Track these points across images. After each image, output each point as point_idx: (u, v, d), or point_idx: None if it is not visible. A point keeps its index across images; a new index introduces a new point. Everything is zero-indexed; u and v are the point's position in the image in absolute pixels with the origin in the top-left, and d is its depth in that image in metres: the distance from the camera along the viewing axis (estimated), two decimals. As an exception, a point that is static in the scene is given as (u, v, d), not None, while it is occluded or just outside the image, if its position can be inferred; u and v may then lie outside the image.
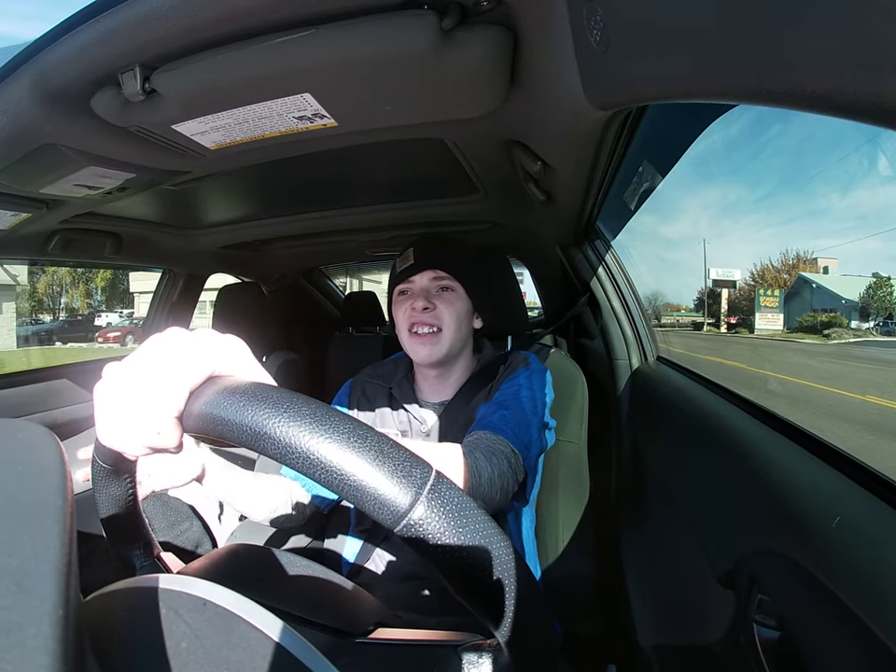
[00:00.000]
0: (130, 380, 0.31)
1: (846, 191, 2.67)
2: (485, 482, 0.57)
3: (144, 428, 0.30)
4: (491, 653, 0.31)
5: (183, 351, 0.31)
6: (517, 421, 0.71)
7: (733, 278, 2.19)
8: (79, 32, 0.46)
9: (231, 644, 0.24)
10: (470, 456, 0.59)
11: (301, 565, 0.49)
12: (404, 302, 0.85)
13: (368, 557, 0.83)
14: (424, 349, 0.82)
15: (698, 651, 0.64)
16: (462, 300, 0.85)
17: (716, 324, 2.31)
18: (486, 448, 0.62)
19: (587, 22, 0.38)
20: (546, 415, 0.80)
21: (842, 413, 1.25)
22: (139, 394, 0.30)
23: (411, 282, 0.85)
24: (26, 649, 0.16)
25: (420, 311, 0.81)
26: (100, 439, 0.32)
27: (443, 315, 0.82)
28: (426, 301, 0.82)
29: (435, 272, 0.84)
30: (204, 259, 1.60)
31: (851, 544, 0.38)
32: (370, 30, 0.44)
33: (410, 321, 0.83)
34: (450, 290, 0.85)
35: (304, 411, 0.25)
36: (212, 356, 0.31)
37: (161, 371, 0.30)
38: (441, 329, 0.82)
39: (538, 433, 0.74)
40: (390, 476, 0.24)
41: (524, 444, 0.69)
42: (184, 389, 0.29)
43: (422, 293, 0.83)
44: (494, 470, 0.59)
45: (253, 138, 0.66)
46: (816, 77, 0.20)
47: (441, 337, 0.82)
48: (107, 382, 0.31)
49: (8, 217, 0.88)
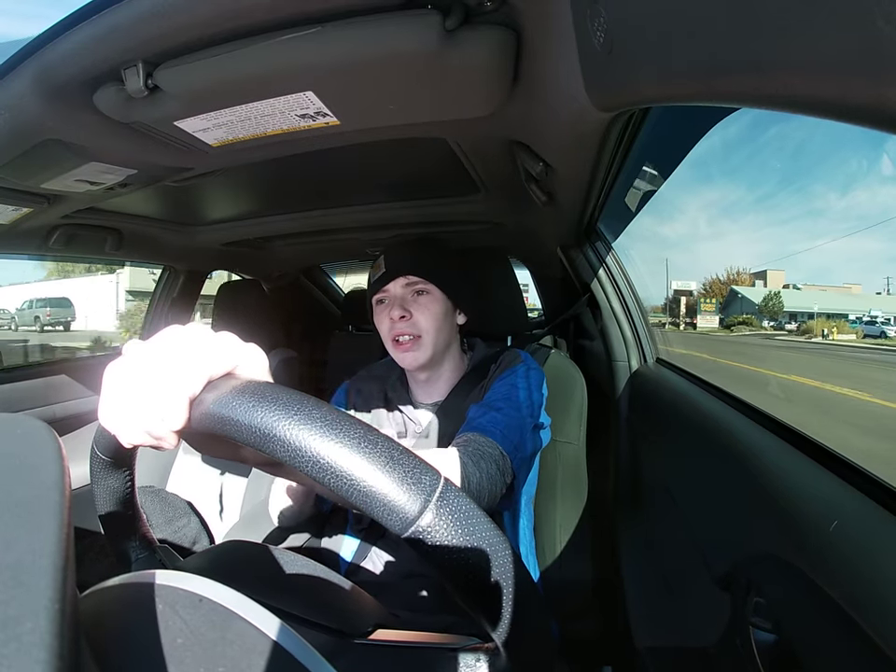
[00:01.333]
0: (149, 360, 0.30)
1: (804, 211, 3.30)
2: (474, 488, 0.58)
3: (150, 410, 0.29)
4: (488, 656, 0.31)
5: (207, 342, 0.31)
6: (507, 423, 0.71)
7: (689, 288, 2.96)
8: (82, 27, 0.46)
9: (227, 641, 0.24)
10: (459, 463, 0.59)
11: (300, 563, 0.49)
12: (382, 312, 0.85)
13: (365, 556, 0.83)
14: (408, 356, 0.82)
15: (695, 654, 0.64)
16: (438, 301, 0.85)
17: (675, 323, 3.13)
18: (475, 452, 0.62)
19: (590, 24, 0.38)
20: (542, 415, 0.79)
21: (706, 368, 1.49)
22: (156, 374, 0.29)
23: (385, 291, 0.85)
24: (22, 643, 0.16)
25: (397, 320, 0.81)
26: (100, 418, 0.32)
27: (420, 321, 0.82)
28: (401, 309, 0.81)
29: (407, 277, 0.83)
30: (205, 256, 1.60)
31: (848, 548, 0.38)
32: (373, 29, 0.44)
33: (391, 332, 0.83)
34: (425, 293, 0.84)
35: (315, 414, 0.25)
36: (234, 354, 0.31)
37: (183, 356, 0.29)
38: (420, 335, 0.82)
39: (529, 433, 0.74)
40: (400, 482, 0.24)
41: (513, 445, 0.69)
42: (203, 377, 0.29)
43: (396, 301, 0.83)
44: (482, 476, 0.60)
45: (255, 136, 0.66)
46: (818, 82, 0.20)
47: (421, 343, 0.82)
48: (125, 359, 0.31)
49: (10, 212, 0.89)
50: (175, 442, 0.31)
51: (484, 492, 0.60)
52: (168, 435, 0.30)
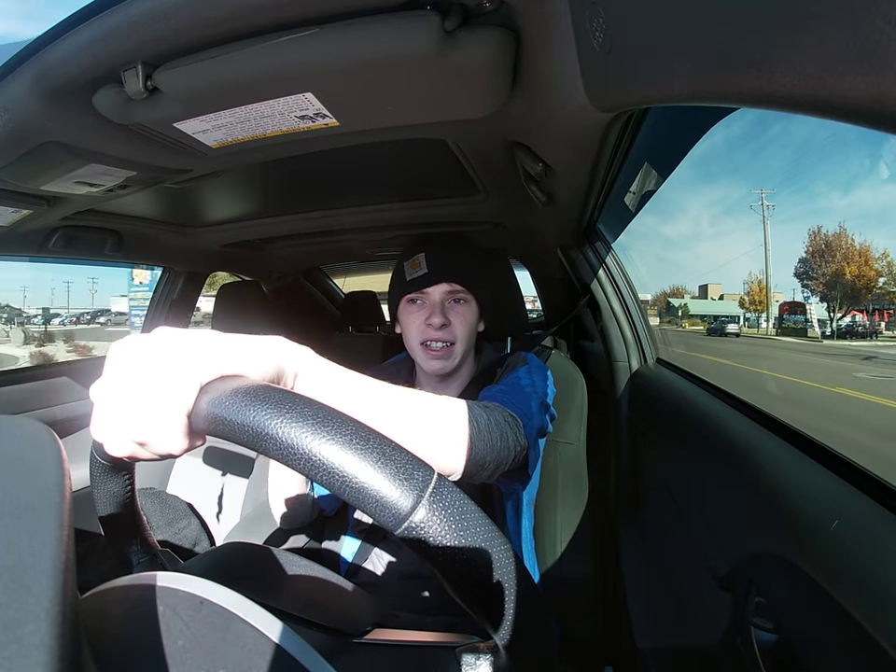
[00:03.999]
0: (139, 375, 0.29)
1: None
2: (483, 428, 0.54)
3: (148, 430, 0.28)
4: (489, 655, 0.31)
5: (195, 346, 0.30)
6: (513, 394, 0.69)
7: (646, 298, 3.41)
8: (82, 29, 0.46)
9: (227, 642, 0.24)
10: (466, 405, 0.56)
11: (300, 564, 0.49)
12: (415, 312, 0.82)
13: (366, 557, 0.83)
14: (437, 363, 0.81)
15: (695, 654, 0.64)
16: (474, 311, 0.84)
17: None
18: (482, 405, 0.59)
19: (589, 24, 0.38)
20: (549, 401, 0.78)
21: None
22: (148, 391, 0.28)
23: (424, 293, 0.82)
24: (23, 645, 0.16)
25: (437, 328, 0.79)
26: (93, 433, 0.31)
27: (457, 329, 0.81)
28: (443, 317, 0.80)
29: (451, 284, 0.82)
30: (205, 258, 1.60)
31: (849, 547, 0.38)
32: (372, 30, 0.44)
33: (424, 336, 0.81)
34: (463, 302, 0.83)
35: (307, 412, 0.25)
36: (223, 356, 0.30)
37: (172, 365, 0.28)
38: (454, 343, 0.81)
39: (537, 407, 0.71)
40: (392, 478, 0.24)
41: (521, 412, 0.66)
42: (194, 385, 0.28)
43: (436, 307, 0.81)
44: (490, 419, 0.56)
45: (255, 137, 0.66)
46: (818, 81, 0.20)
47: (453, 351, 0.81)
48: (113, 375, 0.30)
49: (9, 214, 0.89)
50: (188, 444, 0.30)
51: (495, 435, 0.55)
52: (178, 452, 0.29)
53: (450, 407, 0.52)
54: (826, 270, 1.59)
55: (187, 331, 0.32)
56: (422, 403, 0.47)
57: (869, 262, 1.52)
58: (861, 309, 1.62)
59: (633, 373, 1.13)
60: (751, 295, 2.11)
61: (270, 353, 0.34)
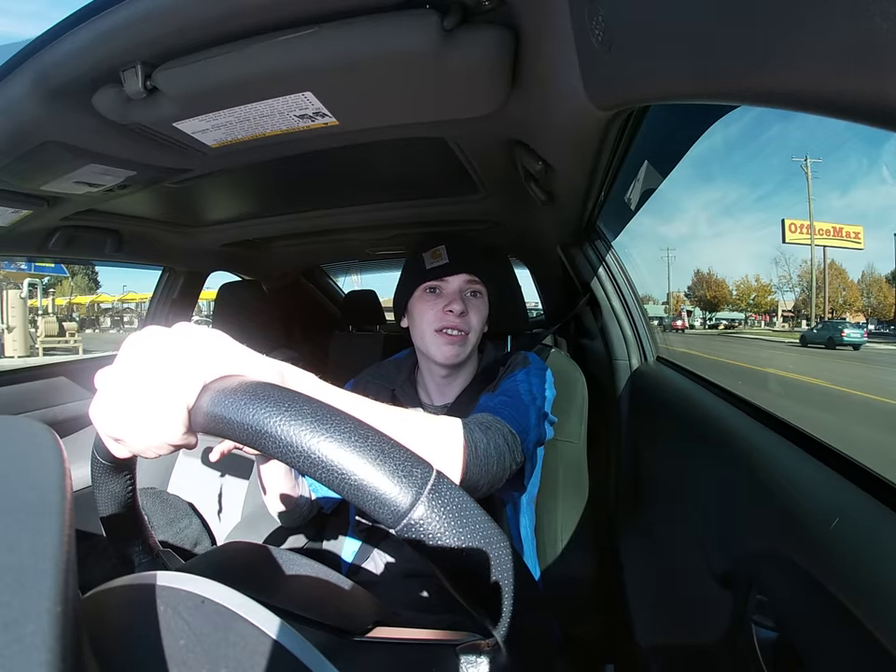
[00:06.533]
0: (143, 371, 0.30)
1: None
2: (482, 453, 0.56)
3: (149, 427, 0.29)
4: (489, 653, 0.31)
5: (198, 346, 0.31)
6: (514, 406, 0.70)
7: None
8: (81, 29, 0.46)
9: (229, 642, 0.24)
10: (465, 429, 0.57)
11: (300, 563, 0.49)
12: (433, 300, 0.84)
13: (366, 557, 0.83)
14: (452, 349, 0.81)
15: (696, 651, 0.64)
16: (486, 305, 0.87)
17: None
18: (482, 423, 0.61)
19: (589, 22, 0.38)
20: (547, 408, 0.79)
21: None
22: (151, 386, 0.29)
23: (444, 281, 0.84)
24: (24, 645, 0.16)
25: (457, 315, 0.81)
26: (96, 426, 0.32)
27: (472, 320, 0.83)
28: (463, 304, 0.82)
29: (471, 276, 0.84)
30: (205, 257, 1.60)
31: (850, 545, 0.38)
32: (371, 29, 0.44)
33: (441, 323, 0.82)
34: (479, 295, 0.86)
35: (306, 409, 0.25)
36: (225, 356, 0.31)
37: (175, 364, 0.29)
38: (469, 333, 0.83)
39: (536, 420, 0.73)
40: (391, 475, 0.24)
41: (521, 427, 0.68)
42: (197, 383, 0.29)
43: (456, 296, 0.83)
44: (490, 443, 0.58)
45: (254, 136, 0.65)
46: (817, 79, 0.20)
47: (467, 340, 0.83)
48: (117, 370, 0.31)
49: (9, 214, 0.89)
50: (182, 440, 0.31)
51: (492, 460, 0.57)
52: (168, 447, 0.30)
53: (448, 429, 0.53)
54: (700, 293, 3.46)
55: (202, 329, 0.32)
56: (420, 424, 0.49)
57: (722, 288, 3.29)
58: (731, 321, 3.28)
59: (633, 371, 1.13)
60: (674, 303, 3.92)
61: (273, 361, 0.35)
